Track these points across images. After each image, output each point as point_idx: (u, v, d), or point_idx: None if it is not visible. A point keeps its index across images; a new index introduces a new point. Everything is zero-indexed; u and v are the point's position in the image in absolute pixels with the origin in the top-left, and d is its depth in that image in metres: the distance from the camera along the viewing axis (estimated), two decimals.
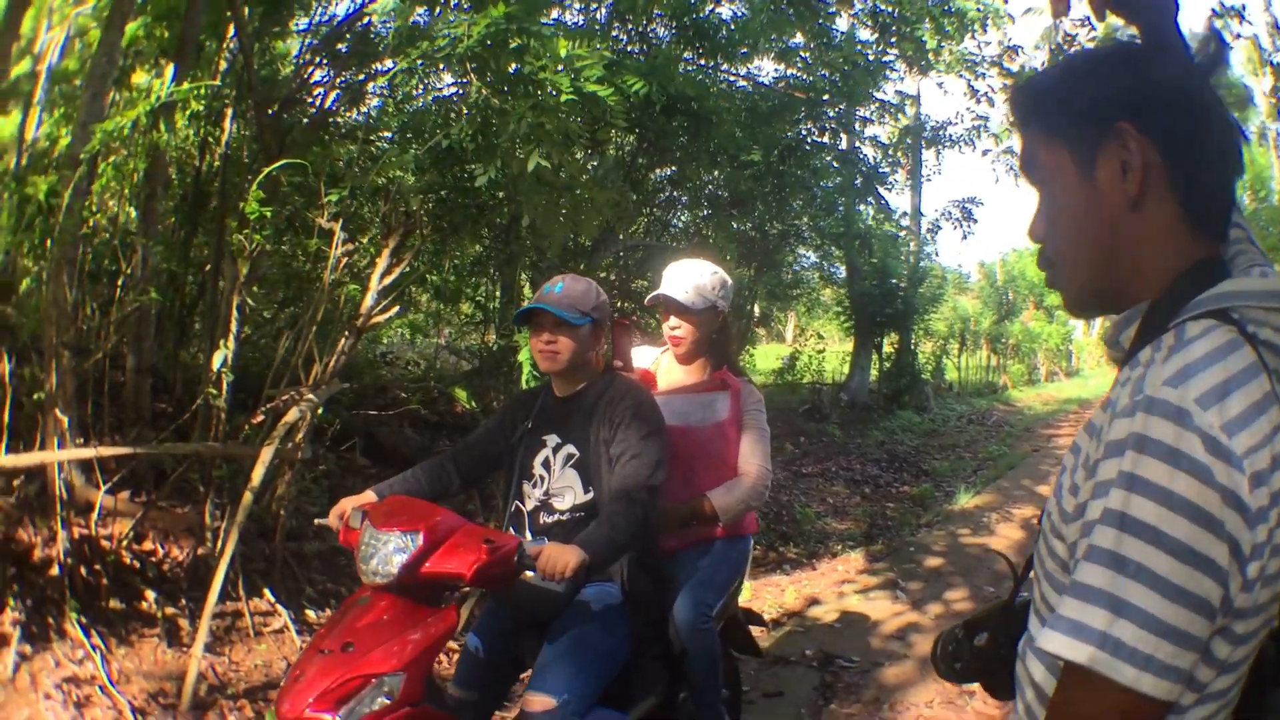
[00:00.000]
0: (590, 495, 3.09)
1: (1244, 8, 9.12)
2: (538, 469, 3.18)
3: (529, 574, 2.73)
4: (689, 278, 3.66)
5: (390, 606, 2.63)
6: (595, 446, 3.10)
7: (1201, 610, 1.03)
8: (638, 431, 3.04)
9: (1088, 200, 1.21)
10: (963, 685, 1.49)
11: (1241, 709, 1.19)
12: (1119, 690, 1.04)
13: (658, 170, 10.82)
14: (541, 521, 3.14)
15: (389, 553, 2.62)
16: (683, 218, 12.48)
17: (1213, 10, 9.14)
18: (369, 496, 3.10)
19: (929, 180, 23.53)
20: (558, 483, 3.14)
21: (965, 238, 27.08)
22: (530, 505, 3.17)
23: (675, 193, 11.62)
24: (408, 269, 5.63)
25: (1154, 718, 1.07)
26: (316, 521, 3.22)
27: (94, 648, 4.19)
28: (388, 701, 2.48)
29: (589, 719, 2.92)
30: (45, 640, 4.13)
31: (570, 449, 3.15)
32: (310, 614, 5.27)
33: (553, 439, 3.20)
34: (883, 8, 11.70)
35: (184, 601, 4.80)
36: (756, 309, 17.82)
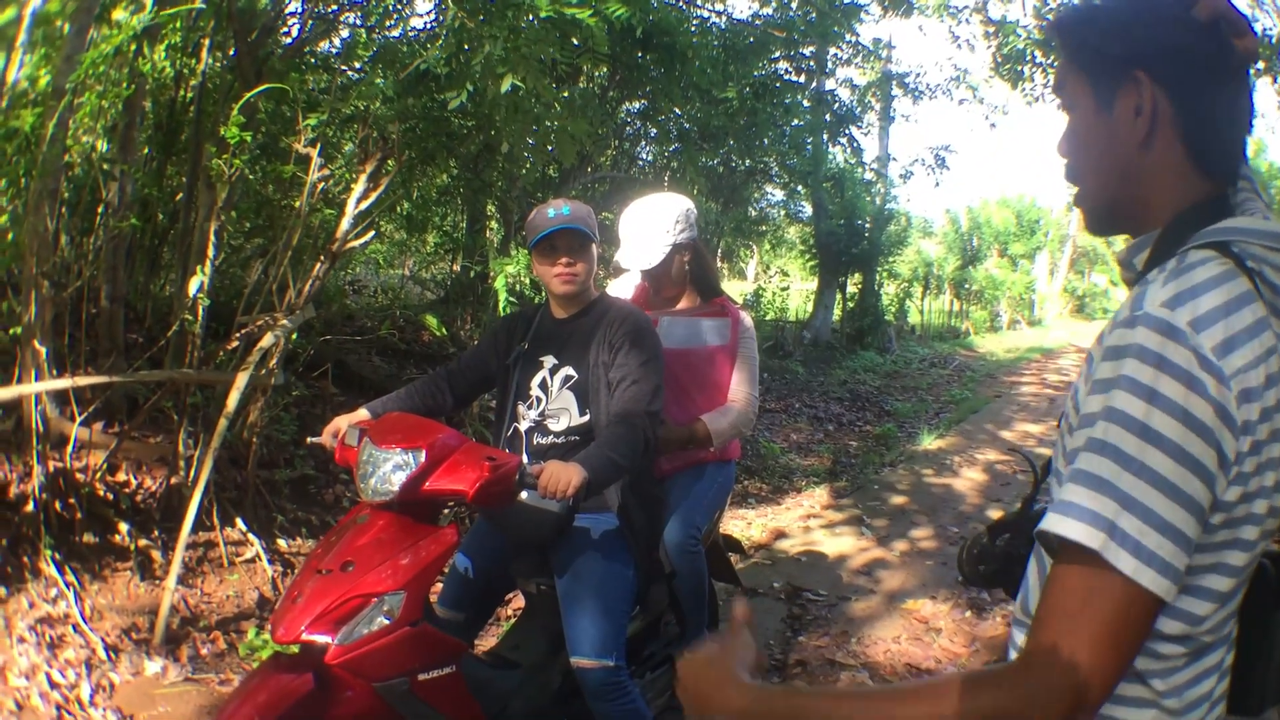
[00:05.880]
0: (586, 418, 3.08)
1: None
2: (534, 390, 3.16)
3: (523, 495, 2.72)
4: (640, 236, 3.62)
5: (389, 525, 2.60)
6: (594, 369, 3.08)
7: (1194, 511, 1.10)
8: (637, 357, 3.03)
9: (1104, 133, 1.34)
10: (987, 589, 1.54)
11: (1245, 628, 1.29)
12: (1119, 579, 1.09)
13: (628, 103, 10.72)
14: (536, 443, 3.12)
15: (389, 470, 2.59)
16: (650, 151, 12.41)
17: None
18: (362, 414, 3.07)
19: (908, 119, 23.65)
20: (554, 404, 3.12)
21: (938, 184, 27.47)
22: (525, 425, 3.15)
23: (645, 125, 11.53)
24: (383, 194, 5.56)
25: (1147, 613, 1.11)
26: (309, 440, 3.17)
27: (67, 585, 4.14)
28: (387, 621, 2.47)
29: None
30: (20, 581, 4.08)
31: (568, 371, 3.12)
32: (281, 543, 5.24)
33: (550, 360, 3.16)
34: None
35: (156, 533, 4.75)
36: (721, 244, 17.78)
